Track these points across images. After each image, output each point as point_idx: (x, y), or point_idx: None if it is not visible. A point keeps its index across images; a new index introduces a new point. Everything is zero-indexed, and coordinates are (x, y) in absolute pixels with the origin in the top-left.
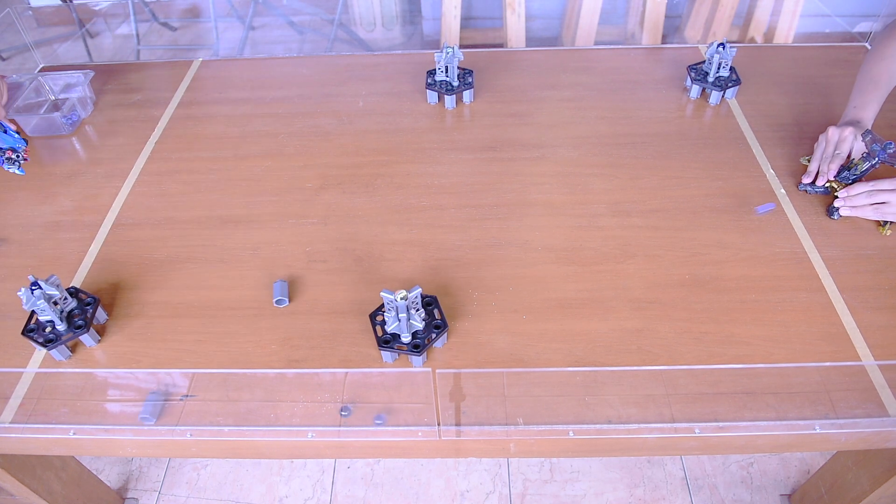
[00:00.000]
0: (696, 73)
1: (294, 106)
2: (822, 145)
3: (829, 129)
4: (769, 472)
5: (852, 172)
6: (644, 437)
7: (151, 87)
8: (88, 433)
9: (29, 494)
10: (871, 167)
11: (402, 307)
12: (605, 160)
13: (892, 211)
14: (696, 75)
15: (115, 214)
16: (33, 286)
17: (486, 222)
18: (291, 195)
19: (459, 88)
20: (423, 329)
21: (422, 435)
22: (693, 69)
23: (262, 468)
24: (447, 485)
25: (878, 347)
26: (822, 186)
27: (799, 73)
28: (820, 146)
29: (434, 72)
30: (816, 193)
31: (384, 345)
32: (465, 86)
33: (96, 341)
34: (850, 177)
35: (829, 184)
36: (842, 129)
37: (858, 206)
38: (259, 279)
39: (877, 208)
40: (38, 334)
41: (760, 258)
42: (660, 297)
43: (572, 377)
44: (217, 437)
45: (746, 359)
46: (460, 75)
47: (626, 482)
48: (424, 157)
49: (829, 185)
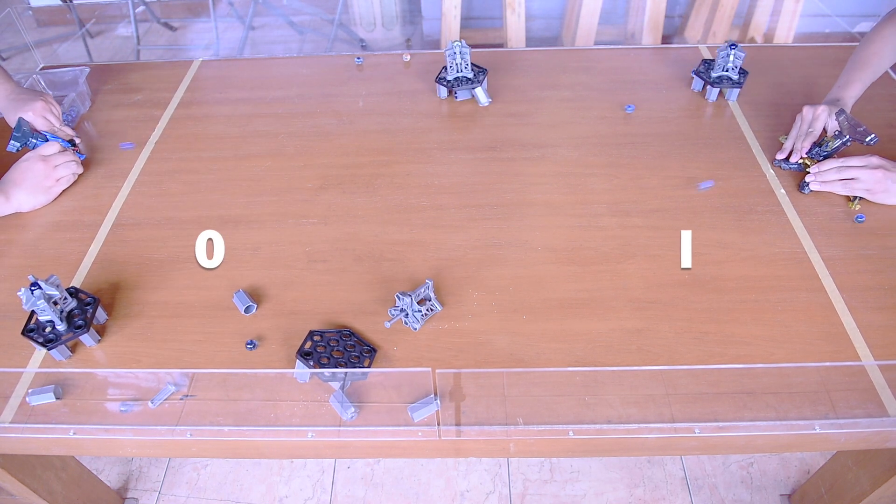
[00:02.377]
0: (705, 72)
1: (294, 106)
2: (798, 123)
3: (804, 108)
4: (769, 472)
5: (824, 149)
6: (644, 437)
7: (151, 87)
8: (88, 433)
9: (29, 494)
10: (842, 145)
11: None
12: (605, 160)
13: (860, 186)
14: (706, 74)
15: (116, 214)
16: (33, 286)
17: (486, 222)
18: (291, 195)
19: (473, 84)
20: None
21: (422, 435)
22: (703, 68)
23: (262, 468)
24: (447, 485)
25: (878, 347)
26: (796, 163)
27: (799, 73)
28: (796, 124)
29: (446, 68)
30: (790, 169)
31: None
32: (478, 82)
33: (96, 341)
34: (821, 153)
35: (802, 160)
36: (815, 108)
37: (828, 181)
38: (259, 279)
39: (845, 184)
40: (38, 334)
41: (760, 258)
42: (660, 297)
43: (572, 377)
44: (217, 437)
45: (746, 359)
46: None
47: (626, 482)
48: (424, 157)
49: (802, 161)
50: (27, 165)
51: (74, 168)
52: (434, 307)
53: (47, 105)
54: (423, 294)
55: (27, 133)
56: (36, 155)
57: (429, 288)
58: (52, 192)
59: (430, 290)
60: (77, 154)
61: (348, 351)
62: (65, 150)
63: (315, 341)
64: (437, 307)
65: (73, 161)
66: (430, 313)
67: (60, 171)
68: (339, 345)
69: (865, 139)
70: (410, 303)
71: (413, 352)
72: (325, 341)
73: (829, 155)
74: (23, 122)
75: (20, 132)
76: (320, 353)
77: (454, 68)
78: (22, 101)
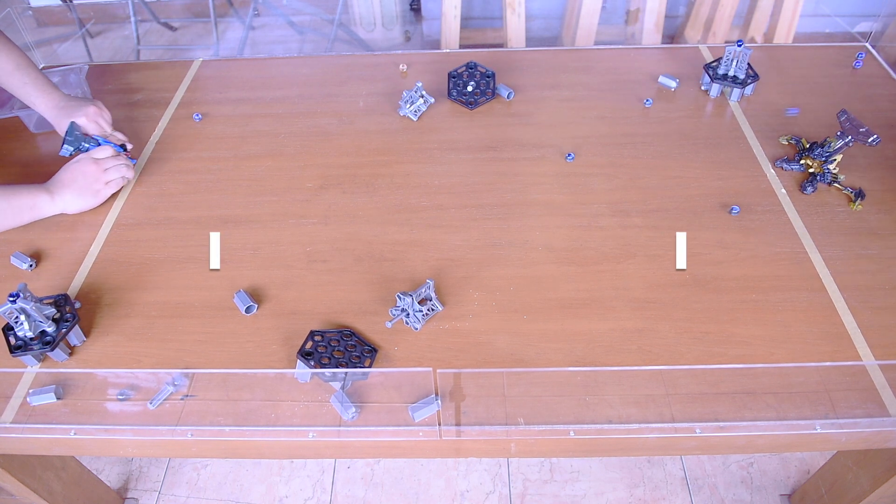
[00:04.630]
0: (712, 71)
1: (294, 106)
2: None
3: None
4: (769, 472)
5: (826, 150)
6: (644, 437)
7: (152, 87)
8: (88, 433)
9: (29, 494)
10: (844, 145)
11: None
12: (605, 160)
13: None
14: (714, 74)
15: (116, 214)
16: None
17: (486, 222)
18: (291, 195)
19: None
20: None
21: (422, 435)
22: (709, 68)
23: (262, 468)
24: (447, 485)
25: (879, 347)
26: (798, 163)
27: (799, 73)
28: None
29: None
30: (792, 170)
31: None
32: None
33: (67, 355)
34: (823, 154)
35: (804, 161)
36: None
37: None
38: (260, 279)
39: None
40: (12, 335)
41: (760, 258)
42: (660, 297)
43: (572, 377)
44: (217, 437)
45: (746, 359)
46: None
47: (626, 482)
48: (424, 157)
49: (805, 162)
50: (78, 167)
51: (125, 171)
52: (435, 307)
53: (98, 110)
54: (423, 294)
55: (80, 137)
56: (88, 157)
57: (430, 288)
58: (101, 196)
59: (431, 290)
60: (129, 159)
61: (349, 351)
62: (117, 154)
63: (316, 341)
64: (438, 307)
65: (125, 165)
66: (431, 313)
67: (111, 174)
68: (340, 345)
69: (868, 140)
70: (411, 303)
71: (414, 352)
72: (326, 341)
73: (831, 155)
74: (75, 127)
75: (72, 136)
76: (321, 353)
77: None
78: (72, 107)
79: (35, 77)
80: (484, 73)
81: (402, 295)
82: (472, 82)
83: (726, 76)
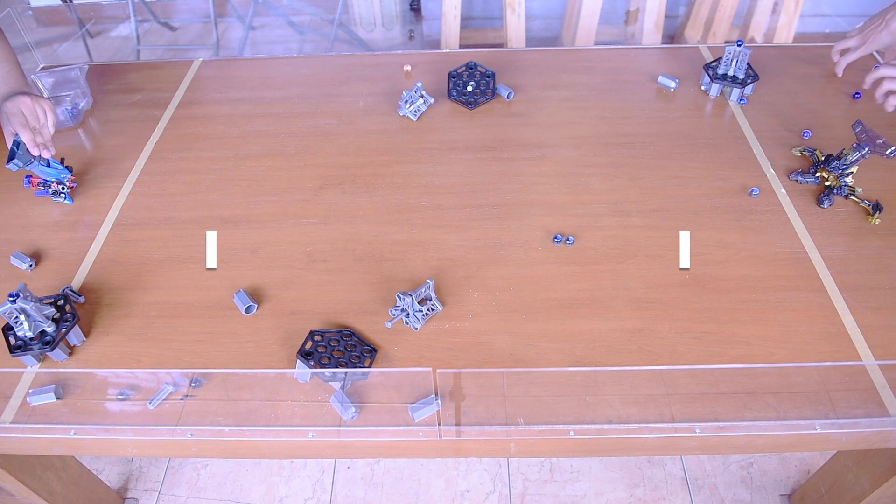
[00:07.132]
0: (712, 71)
1: (294, 106)
2: None
3: None
4: (769, 472)
5: (843, 163)
6: (644, 437)
7: (151, 87)
8: (88, 433)
9: (29, 494)
10: (861, 157)
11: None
12: (605, 160)
13: None
14: (713, 74)
15: (116, 214)
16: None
17: (486, 222)
18: (291, 195)
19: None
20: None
21: (422, 435)
22: (709, 68)
23: (262, 468)
24: (447, 485)
25: (879, 347)
26: (814, 176)
27: (799, 72)
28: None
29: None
30: (807, 183)
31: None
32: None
33: (67, 355)
34: (839, 167)
35: (819, 174)
36: None
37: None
38: (260, 279)
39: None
40: (12, 335)
41: (760, 258)
42: (660, 297)
43: (572, 377)
44: (217, 437)
45: (746, 359)
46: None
47: (626, 482)
48: (424, 157)
49: (820, 175)
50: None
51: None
52: (435, 307)
53: (34, 104)
54: (423, 294)
55: (27, 156)
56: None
57: (430, 288)
58: None
59: (431, 290)
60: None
61: (349, 351)
62: None
63: (315, 341)
64: (438, 307)
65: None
66: (431, 313)
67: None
68: (340, 345)
69: (886, 152)
70: (411, 302)
71: (414, 352)
72: (326, 341)
73: (848, 168)
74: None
75: (22, 150)
76: (321, 353)
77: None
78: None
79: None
80: (484, 73)
81: (401, 295)
82: (472, 82)
83: (726, 76)
